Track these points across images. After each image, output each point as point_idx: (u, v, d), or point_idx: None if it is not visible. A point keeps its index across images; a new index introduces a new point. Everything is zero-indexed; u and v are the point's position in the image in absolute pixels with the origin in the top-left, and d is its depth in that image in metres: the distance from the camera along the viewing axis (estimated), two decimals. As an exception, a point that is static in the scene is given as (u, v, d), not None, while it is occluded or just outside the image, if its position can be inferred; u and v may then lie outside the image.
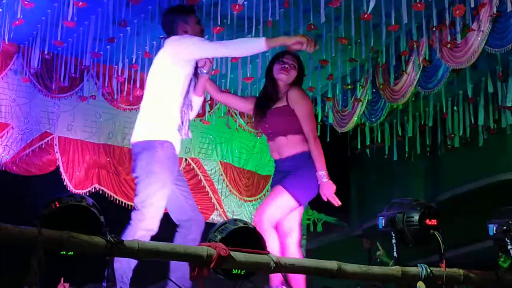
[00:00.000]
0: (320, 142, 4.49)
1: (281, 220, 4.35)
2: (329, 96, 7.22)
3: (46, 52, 6.64)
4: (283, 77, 4.50)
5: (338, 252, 8.86)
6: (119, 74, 6.74)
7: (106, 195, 7.23)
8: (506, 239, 3.77)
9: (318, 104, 7.40)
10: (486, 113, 7.04)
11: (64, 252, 2.95)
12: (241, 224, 3.38)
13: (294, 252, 4.34)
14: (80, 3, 5.45)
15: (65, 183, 7.01)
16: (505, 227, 3.79)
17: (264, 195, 8.08)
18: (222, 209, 7.81)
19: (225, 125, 7.72)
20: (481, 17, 5.58)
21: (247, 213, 7.89)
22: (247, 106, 4.74)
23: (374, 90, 7.03)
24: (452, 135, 7.37)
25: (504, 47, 5.63)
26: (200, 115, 7.50)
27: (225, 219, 7.44)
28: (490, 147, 7.42)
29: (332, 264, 3.53)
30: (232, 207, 7.90)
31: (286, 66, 4.50)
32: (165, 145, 4.04)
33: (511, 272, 3.74)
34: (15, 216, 3.41)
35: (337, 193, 4.67)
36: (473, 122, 7.17)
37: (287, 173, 4.41)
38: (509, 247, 3.74)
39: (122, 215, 7.16)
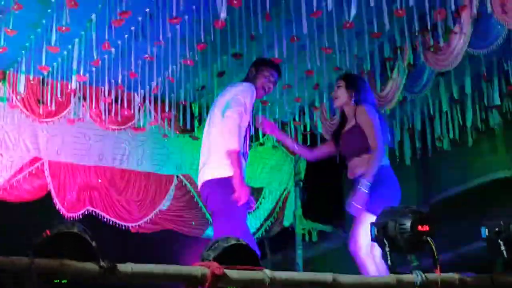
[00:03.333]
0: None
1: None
2: (316, 105, 7.24)
3: (31, 78, 6.64)
4: (336, 102, 4.69)
5: (335, 260, 8.87)
6: (106, 95, 6.75)
7: (99, 217, 7.23)
8: (499, 240, 3.78)
9: (306, 113, 7.43)
10: (473, 114, 7.08)
11: (58, 281, 2.95)
12: (233, 241, 3.38)
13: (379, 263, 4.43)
14: (63, 28, 5.46)
15: (57, 207, 7.00)
16: (497, 229, 3.81)
17: (257, 207, 8.09)
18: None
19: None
20: (462, 19, 5.62)
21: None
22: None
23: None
24: (441, 137, 7.40)
25: (487, 48, 5.67)
26: (189, 130, 7.52)
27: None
28: (480, 147, 7.46)
29: (327, 277, 3.54)
30: (226, 222, 7.89)
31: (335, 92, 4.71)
32: None
33: (506, 274, 3.75)
34: (7, 244, 3.41)
35: (331, 201, 4.76)
36: (461, 123, 7.21)
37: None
38: (502, 248, 3.75)
39: (116, 236, 7.24)
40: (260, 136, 7.89)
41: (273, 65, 4.64)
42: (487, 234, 3.87)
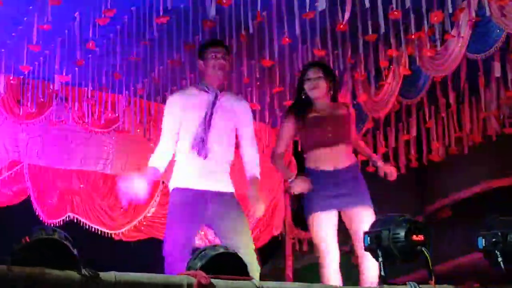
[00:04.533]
0: (301, 158, 4.71)
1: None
2: (308, 109, 7.23)
3: (11, 77, 6.62)
4: (315, 94, 4.69)
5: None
6: (89, 96, 6.73)
7: (81, 224, 7.21)
8: (496, 251, 3.79)
9: (298, 119, 7.39)
10: (470, 121, 7.11)
11: (37, 289, 2.94)
12: (221, 250, 3.38)
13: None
14: (45, 25, 5.44)
15: (37, 213, 6.98)
16: (494, 239, 3.81)
17: (246, 214, 8.07)
18: (203, 232, 7.79)
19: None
20: (460, 22, 5.64)
21: (229, 235, 7.85)
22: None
23: (354, 102, 7.06)
24: (437, 144, 7.42)
25: (485, 52, 5.69)
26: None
27: (207, 242, 7.44)
28: (477, 155, 7.48)
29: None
30: (214, 229, 7.86)
31: (312, 82, 4.71)
32: None
33: (502, 285, 3.76)
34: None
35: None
36: (457, 130, 7.23)
37: (351, 187, 4.60)
38: (499, 259, 3.75)
39: (99, 244, 7.22)
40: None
41: (210, 43, 4.62)
42: (484, 244, 3.87)
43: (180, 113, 4.43)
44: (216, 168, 4.39)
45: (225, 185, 4.42)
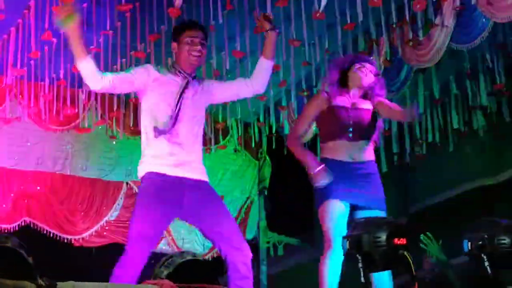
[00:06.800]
0: (276, 156, 4.64)
1: None
2: (283, 104, 7.26)
3: (-40, 72, 6.55)
4: (367, 82, 4.60)
5: (303, 276, 8.89)
6: (46, 91, 6.69)
7: (38, 229, 7.16)
8: (482, 255, 3.81)
9: (271, 114, 7.43)
10: (455, 115, 7.16)
11: (-11, 301, 2.91)
12: (188, 257, 3.39)
13: None
14: (-3, 14, 5.41)
15: (-11, 219, 6.94)
16: (480, 242, 3.83)
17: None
18: (170, 237, 7.78)
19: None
20: (444, 11, 5.69)
21: (199, 239, 7.86)
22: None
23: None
24: (420, 141, 7.47)
25: (471, 43, 5.74)
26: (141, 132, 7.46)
27: (175, 247, 7.43)
28: (462, 152, 7.55)
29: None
30: (182, 234, 7.87)
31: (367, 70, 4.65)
32: None
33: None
34: None
35: (299, 211, 4.74)
36: (442, 126, 7.28)
37: (369, 184, 4.61)
38: (485, 264, 3.78)
39: (57, 251, 7.18)
40: (221, 138, 7.88)
41: (188, 26, 4.52)
42: (469, 248, 3.89)
43: (148, 82, 4.33)
44: (189, 156, 4.31)
45: (202, 174, 4.35)
